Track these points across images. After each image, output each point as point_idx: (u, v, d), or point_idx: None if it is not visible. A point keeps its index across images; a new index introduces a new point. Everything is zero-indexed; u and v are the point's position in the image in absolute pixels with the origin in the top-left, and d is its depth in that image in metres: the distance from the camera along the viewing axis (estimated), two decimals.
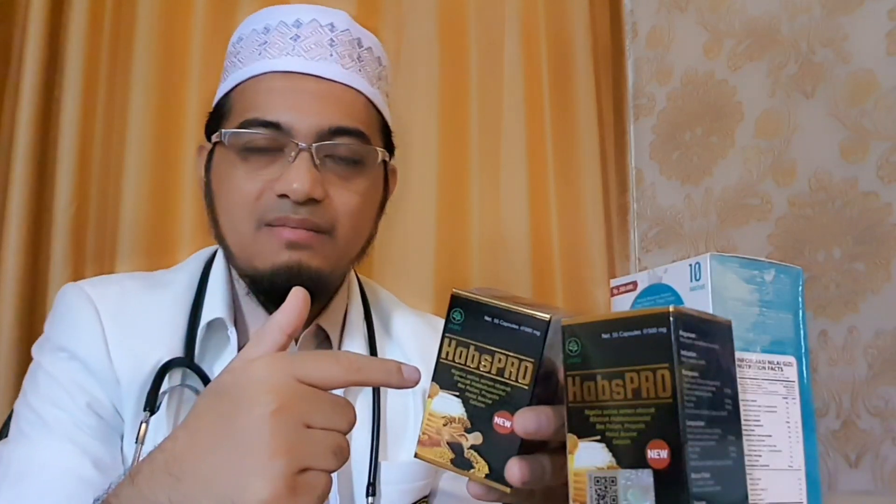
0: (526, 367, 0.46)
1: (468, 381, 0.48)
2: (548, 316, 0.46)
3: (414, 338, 0.84)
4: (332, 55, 0.75)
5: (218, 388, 0.48)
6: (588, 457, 0.42)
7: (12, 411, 0.84)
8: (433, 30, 1.54)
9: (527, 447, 0.46)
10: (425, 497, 0.79)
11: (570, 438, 0.43)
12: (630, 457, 0.40)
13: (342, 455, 0.48)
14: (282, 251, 0.70)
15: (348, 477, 0.74)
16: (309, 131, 0.71)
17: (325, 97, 0.73)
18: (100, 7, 1.29)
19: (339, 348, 0.78)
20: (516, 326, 0.47)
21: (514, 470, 0.45)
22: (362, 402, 0.76)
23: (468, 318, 0.49)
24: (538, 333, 0.46)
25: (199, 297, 0.76)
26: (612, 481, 0.41)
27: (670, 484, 0.39)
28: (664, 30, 1.74)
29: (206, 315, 0.75)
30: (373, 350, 0.81)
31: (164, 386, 0.70)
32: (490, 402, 0.47)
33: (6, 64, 1.26)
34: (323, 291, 0.76)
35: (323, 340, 0.79)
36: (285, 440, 0.45)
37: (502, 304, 0.48)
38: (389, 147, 0.81)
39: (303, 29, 0.75)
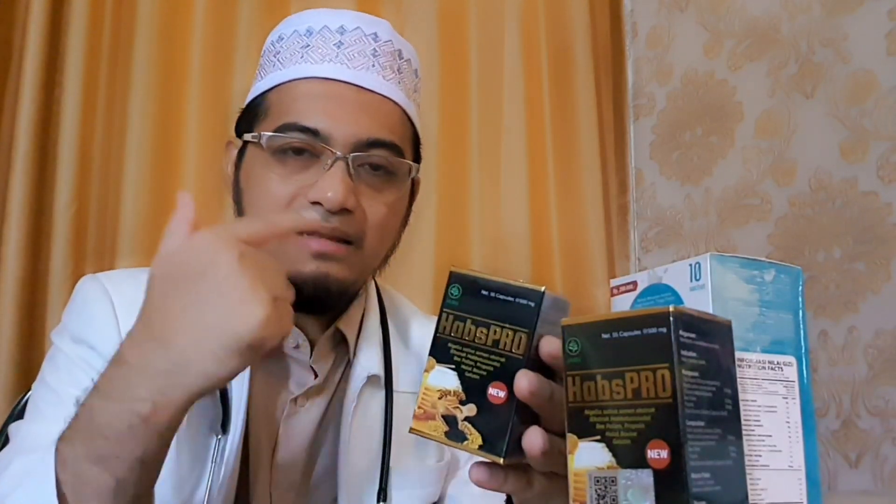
0: (520, 338, 0.47)
1: (464, 354, 0.49)
2: (542, 287, 0.48)
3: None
4: (374, 65, 0.75)
5: (167, 272, 0.54)
6: (588, 457, 0.42)
7: (15, 406, 0.85)
8: (433, 30, 1.54)
9: (519, 419, 0.47)
10: (434, 503, 0.79)
11: (570, 438, 0.43)
12: (630, 457, 0.40)
13: (291, 290, 0.55)
14: (309, 261, 0.70)
15: (359, 482, 0.74)
16: (346, 140, 0.71)
17: (365, 108, 0.73)
18: (100, 7, 1.29)
19: (356, 352, 0.78)
20: (512, 299, 0.48)
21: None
22: (374, 408, 0.76)
23: (465, 293, 0.50)
24: (533, 304, 0.48)
25: None
26: (612, 481, 0.41)
27: (670, 484, 0.39)
28: (664, 30, 1.74)
29: None
30: (387, 354, 0.81)
31: None
32: (485, 373, 0.48)
33: (6, 64, 1.26)
34: (345, 299, 0.76)
35: (339, 343, 0.79)
36: (257, 274, 0.51)
37: (499, 278, 0.50)
38: (417, 158, 0.82)
39: (346, 36, 0.75)
